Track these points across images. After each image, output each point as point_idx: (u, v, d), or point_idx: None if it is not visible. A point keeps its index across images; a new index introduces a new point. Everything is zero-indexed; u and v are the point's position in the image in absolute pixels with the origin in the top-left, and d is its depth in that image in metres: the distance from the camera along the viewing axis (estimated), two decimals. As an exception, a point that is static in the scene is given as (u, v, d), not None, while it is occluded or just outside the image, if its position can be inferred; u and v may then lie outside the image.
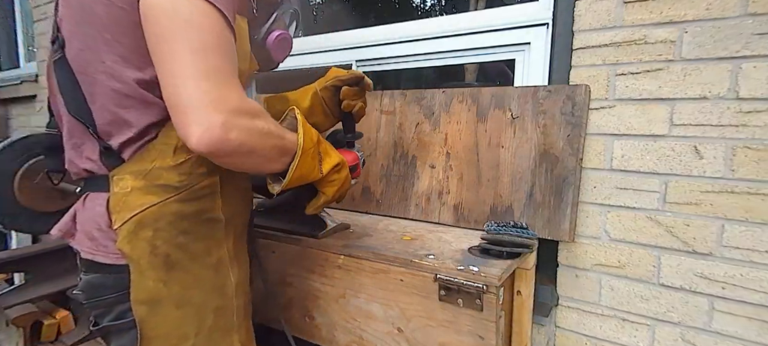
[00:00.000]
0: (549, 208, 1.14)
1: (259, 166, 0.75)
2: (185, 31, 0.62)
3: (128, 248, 0.72)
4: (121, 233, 0.72)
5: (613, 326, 1.18)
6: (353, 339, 1.07)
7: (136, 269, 0.73)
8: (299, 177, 0.80)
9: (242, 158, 0.69)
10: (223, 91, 0.63)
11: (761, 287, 1.00)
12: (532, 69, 1.29)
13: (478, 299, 0.87)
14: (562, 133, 1.14)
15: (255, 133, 0.68)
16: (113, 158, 0.74)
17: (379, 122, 1.44)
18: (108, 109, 0.72)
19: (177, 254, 0.75)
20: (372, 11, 2.20)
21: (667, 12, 1.04)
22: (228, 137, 0.63)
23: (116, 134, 0.73)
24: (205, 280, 0.79)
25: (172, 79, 0.63)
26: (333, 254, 1.06)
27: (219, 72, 0.64)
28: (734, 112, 0.99)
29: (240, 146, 0.65)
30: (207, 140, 0.61)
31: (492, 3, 1.62)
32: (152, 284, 0.74)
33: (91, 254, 0.75)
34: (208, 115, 0.61)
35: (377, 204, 1.41)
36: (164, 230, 0.74)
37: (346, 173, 0.92)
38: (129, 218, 0.72)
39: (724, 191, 1.02)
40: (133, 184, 0.73)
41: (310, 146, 0.81)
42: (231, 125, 0.63)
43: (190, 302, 0.77)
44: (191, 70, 0.62)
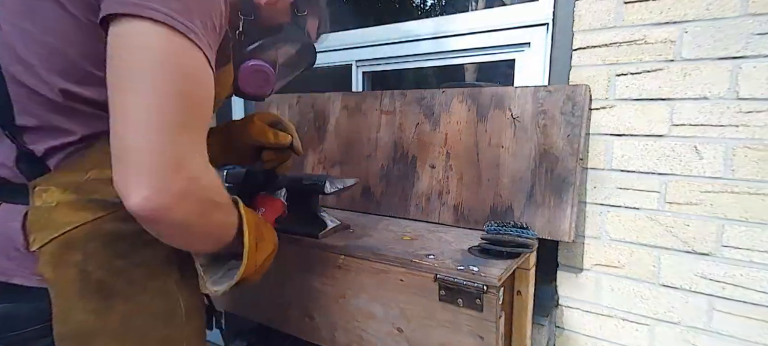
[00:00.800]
0: (549, 208, 1.14)
1: (195, 245, 0.66)
2: (156, 74, 0.52)
3: (52, 274, 0.60)
4: (43, 256, 0.60)
5: (613, 326, 1.18)
6: (353, 339, 1.07)
7: (61, 298, 0.61)
8: (247, 275, 0.72)
9: (185, 233, 0.59)
10: (187, 150, 0.53)
11: (761, 287, 1.00)
12: (532, 69, 1.29)
13: (478, 299, 0.87)
14: (562, 133, 1.14)
15: (209, 206, 0.59)
16: (34, 165, 0.62)
17: (379, 122, 1.44)
18: (35, 112, 0.60)
19: (113, 280, 0.64)
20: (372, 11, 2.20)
21: (667, 12, 1.04)
22: (179, 207, 0.53)
23: (42, 139, 0.61)
24: (149, 307, 0.68)
25: (127, 126, 0.51)
26: (333, 254, 1.06)
27: (187, 126, 0.54)
28: (734, 112, 0.99)
29: (186, 220, 0.56)
30: (153, 207, 0.51)
31: (491, 3, 1.62)
32: (82, 316, 0.62)
33: (6, 276, 0.62)
34: (164, 178, 0.51)
35: (377, 204, 1.41)
36: (97, 252, 0.63)
37: (273, 257, 0.81)
38: (53, 237, 0.61)
39: (723, 190, 1.02)
40: (61, 198, 0.61)
41: (253, 245, 0.70)
42: (186, 194, 0.53)
43: (131, 333, 0.67)
44: (155, 120, 0.51)
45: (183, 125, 0.53)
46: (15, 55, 0.60)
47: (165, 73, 0.52)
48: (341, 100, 1.53)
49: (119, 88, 0.53)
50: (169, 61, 0.52)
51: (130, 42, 0.52)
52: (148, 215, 0.52)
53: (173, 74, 0.53)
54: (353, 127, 1.49)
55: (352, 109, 1.50)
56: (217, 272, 0.73)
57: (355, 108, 1.49)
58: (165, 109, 0.52)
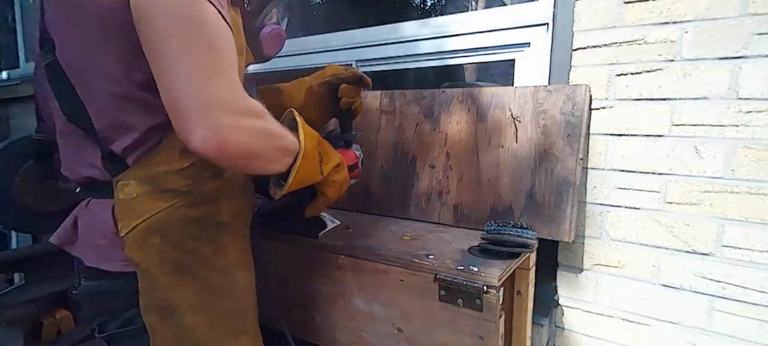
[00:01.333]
0: (549, 208, 1.14)
1: (262, 168, 0.72)
2: (181, 29, 0.59)
3: (137, 255, 0.70)
4: (129, 241, 0.70)
5: (613, 326, 1.18)
6: (353, 339, 1.07)
7: (145, 277, 0.71)
8: (301, 180, 0.78)
9: (246, 160, 0.66)
10: (224, 90, 0.61)
11: (761, 287, 1.00)
12: (532, 69, 1.29)
13: (478, 299, 0.87)
14: (562, 133, 1.14)
15: (258, 134, 0.66)
16: (116, 164, 0.71)
17: (379, 122, 1.44)
18: (107, 113, 0.69)
19: (186, 259, 0.74)
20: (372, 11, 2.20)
21: (667, 12, 1.04)
22: (232, 140, 0.60)
23: (118, 139, 0.70)
24: (215, 284, 0.78)
25: (170, 81, 0.59)
26: (333, 254, 1.06)
27: (219, 71, 0.61)
28: (734, 112, 0.99)
29: (244, 149, 0.63)
30: (211, 144, 0.58)
31: (491, 3, 1.62)
32: (163, 291, 0.72)
33: (95, 262, 0.73)
34: (211, 117, 0.58)
35: (377, 204, 1.41)
36: (173, 235, 0.72)
37: (345, 172, 0.91)
38: (136, 224, 0.70)
39: (724, 190, 1.02)
40: (139, 189, 0.71)
41: (311, 148, 0.78)
42: (235, 127, 0.60)
43: (202, 307, 0.76)
44: (190, 70, 0.58)
45: (218, 69, 0.60)
46: (77, 62, 0.69)
47: (188, 26, 0.59)
48: (341, 100, 1.53)
49: (154, 48, 0.60)
50: (192, 15, 0.60)
51: (153, 6, 0.59)
52: (211, 152, 0.59)
53: (195, 26, 0.60)
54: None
55: (352, 109, 1.50)
56: None
57: (355, 108, 1.49)
58: (201, 57, 0.59)
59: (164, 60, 0.60)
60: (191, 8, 0.60)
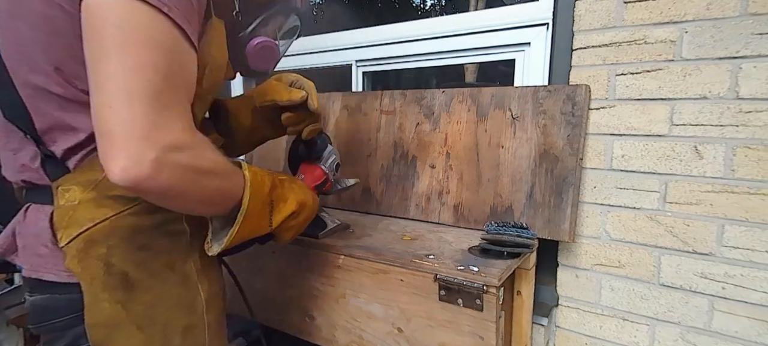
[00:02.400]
0: (549, 208, 1.14)
1: (193, 210, 0.66)
2: (125, 45, 0.53)
3: (78, 268, 0.65)
4: (70, 252, 0.64)
5: (613, 326, 1.18)
6: (353, 339, 1.07)
7: (88, 291, 0.65)
8: (242, 238, 0.71)
9: (173, 200, 0.60)
10: (161, 119, 0.54)
11: (761, 287, 1.00)
12: (532, 69, 1.29)
13: (478, 299, 0.87)
14: (562, 133, 1.14)
15: (193, 173, 0.58)
16: (56, 167, 0.65)
17: (379, 122, 1.44)
18: (48, 113, 0.63)
19: (136, 272, 0.68)
20: (372, 11, 2.20)
21: (667, 12, 1.04)
22: (158, 176, 0.53)
23: (59, 140, 0.64)
24: (170, 297, 0.72)
25: (102, 99, 0.53)
26: (333, 254, 1.06)
27: (160, 96, 0.54)
28: (734, 112, 0.99)
29: (170, 188, 0.56)
30: (132, 177, 0.52)
31: (492, 3, 1.62)
32: (109, 306, 0.66)
33: (37, 273, 0.67)
34: (137, 148, 0.52)
35: (377, 204, 1.41)
36: (119, 246, 0.67)
37: (305, 216, 0.83)
38: (77, 234, 0.64)
39: (724, 190, 1.02)
40: (81, 196, 0.65)
41: (256, 207, 0.70)
42: (164, 163, 0.54)
43: (154, 322, 0.70)
44: (125, 91, 0.52)
45: (156, 95, 0.54)
46: (17, 56, 0.62)
47: (134, 44, 0.53)
48: (341, 100, 1.53)
49: (93, 62, 0.54)
50: (138, 32, 0.53)
51: (101, 16, 0.53)
52: (129, 186, 0.53)
53: (143, 46, 0.53)
54: (353, 127, 1.49)
55: (352, 109, 1.50)
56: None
57: (355, 108, 1.49)
58: (135, 81, 0.52)
59: (99, 75, 0.53)
60: (144, 28, 0.54)
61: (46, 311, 0.68)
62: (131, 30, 0.53)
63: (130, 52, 0.53)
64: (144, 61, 0.53)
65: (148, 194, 0.56)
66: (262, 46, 0.83)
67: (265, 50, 0.84)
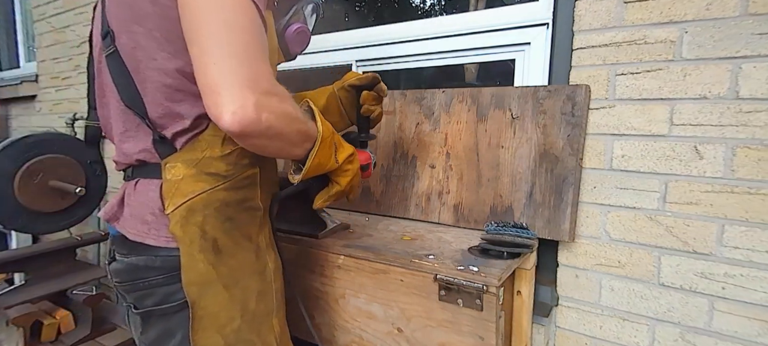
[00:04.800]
0: (549, 208, 1.14)
1: (282, 150, 0.76)
2: (217, 11, 0.63)
3: (180, 232, 0.75)
4: (174, 218, 0.74)
5: (613, 326, 1.18)
6: (353, 339, 1.07)
7: (187, 252, 0.75)
8: (318, 165, 0.81)
9: (270, 140, 0.69)
10: (254, 70, 0.64)
11: (761, 287, 1.00)
12: (532, 69, 1.29)
13: (478, 299, 0.87)
14: (562, 133, 1.14)
15: (284, 116, 0.68)
16: (166, 147, 0.76)
17: (380, 122, 1.44)
18: (160, 102, 0.74)
19: (223, 238, 0.78)
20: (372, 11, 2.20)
21: (667, 12, 1.04)
22: (259, 118, 0.63)
23: (169, 126, 0.75)
24: (248, 264, 0.82)
25: (204, 58, 0.63)
26: (333, 254, 1.06)
27: (251, 52, 0.64)
28: (734, 112, 0.99)
29: (269, 128, 0.66)
30: (239, 120, 0.61)
31: (492, 3, 1.62)
32: (203, 266, 0.76)
33: (140, 237, 0.77)
34: (241, 94, 0.61)
35: (377, 204, 1.41)
36: (212, 215, 0.77)
37: (357, 164, 0.93)
38: (181, 203, 0.75)
39: (724, 191, 1.02)
40: (185, 172, 0.75)
41: (328, 134, 0.82)
42: (262, 106, 0.63)
43: (237, 284, 0.80)
44: (223, 48, 0.62)
45: (248, 51, 0.64)
46: (135, 56, 0.74)
47: (227, 9, 0.63)
48: (341, 100, 1.53)
49: (193, 30, 0.64)
50: (228, 4, 0.63)
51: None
52: (240, 130, 0.63)
53: (233, 10, 0.63)
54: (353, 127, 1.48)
55: (352, 109, 1.50)
56: None
57: (355, 108, 1.49)
58: (232, 38, 0.63)
59: (199, 39, 0.64)
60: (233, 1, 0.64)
61: (142, 270, 0.77)
62: (223, 3, 0.63)
63: (224, 15, 0.63)
64: (237, 21, 0.63)
65: (252, 136, 0.65)
66: (299, 31, 0.96)
67: (302, 35, 0.97)
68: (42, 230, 1.88)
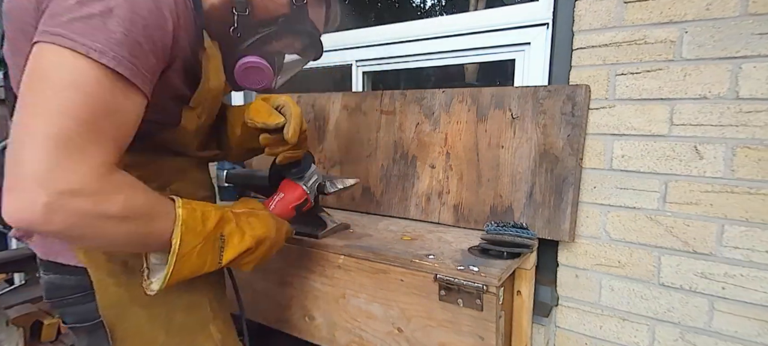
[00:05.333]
0: (549, 208, 1.14)
1: (105, 249, 0.70)
2: (42, 90, 0.53)
3: (85, 258, 0.72)
4: None
5: (613, 326, 1.18)
6: (353, 339, 1.07)
7: (96, 278, 0.73)
8: (182, 278, 0.69)
9: (76, 242, 0.63)
10: (63, 164, 0.53)
11: (761, 287, 1.00)
12: (532, 69, 1.29)
13: (478, 299, 0.87)
14: (562, 133, 1.14)
15: (93, 219, 0.56)
16: None
17: (379, 122, 1.44)
18: None
19: (133, 259, 0.74)
20: (372, 11, 2.20)
21: (667, 12, 1.04)
22: (50, 220, 0.52)
23: None
24: None
25: (15, 137, 0.53)
26: (333, 254, 1.06)
27: (69, 141, 0.53)
28: (734, 112, 0.99)
29: (65, 231, 0.55)
30: (23, 219, 0.52)
31: (492, 3, 1.62)
32: (114, 290, 0.73)
33: (52, 255, 0.74)
34: (28, 191, 0.51)
35: (377, 204, 1.41)
36: None
37: (264, 249, 0.80)
38: None
39: (724, 191, 1.02)
40: None
41: (192, 247, 0.67)
42: (56, 208, 0.52)
43: (155, 301, 0.74)
44: (31, 134, 0.52)
45: (62, 140, 0.53)
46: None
47: (51, 89, 0.53)
48: (341, 100, 1.53)
49: (21, 92, 0.55)
50: (59, 78, 0.54)
51: (31, 60, 0.55)
52: (21, 227, 0.53)
53: (59, 90, 0.53)
54: (353, 127, 1.49)
55: (352, 109, 1.50)
56: None
57: (355, 108, 1.49)
58: (42, 124, 0.52)
59: (19, 115, 0.54)
60: (70, 73, 0.54)
61: (58, 289, 0.76)
62: (53, 75, 0.54)
63: (44, 97, 0.53)
64: (57, 105, 0.53)
65: (45, 235, 0.61)
66: (245, 66, 0.79)
67: (251, 71, 0.80)
68: (42, 230, 1.88)
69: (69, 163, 0.53)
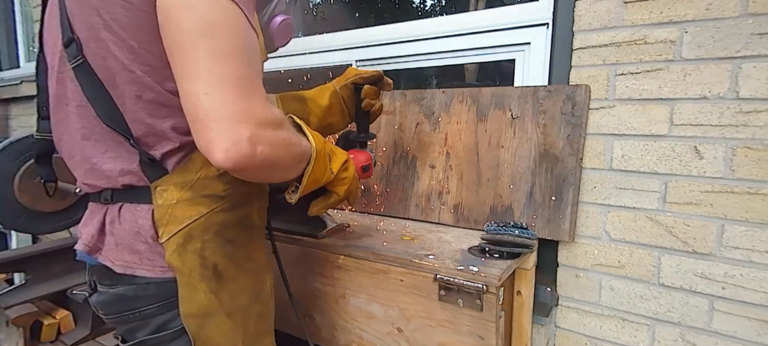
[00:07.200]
0: (549, 208, 1.14)
1: (280, 177, 0.71)
2: (206, 35, 0.57)
3: (178, 262, 0.69)
4: (170, 247, 0.69)
5: (613, 326, 1.18)
6: (353, 339, 1.07)
7: (186, 283, 0.70)
8: (314, 181, 0.78)
9: (266, 171, 0.65)
10: (248, 101, 0.58)
11: (761, 287, 1.00)
12: (532, 69, 1.29)
13: (478, 299, 0.87)
14: (562, 133, 1.14)
15: (280, 144, 0.64)
16: (155, 169, 0.69)
17: (379, 122, 1.44)
18: (142, 120, 0.67)
19: (224, 263, 0.74)
20: (372, 11, 2.20)
21: (667, 12, 1.04)
22: (255, 152, 0.58)
23: (156, 145, 0.69)
24: (249, 286, 0.78)
25: (193, 89, 0.57)
26: (333, 254, 1.06)
27: (243, 80, 0.58)
28: (734, 112, 0.99)
29: (265, 160, 0.61)
30: (234, 156, 0.56)
31: (492, 3, 1.62)
32: (204, 296, 0.71)
33: (131, 269, 0.71)
34: (234, 129, 0.56)
35: (377, 204, 1.41)
36: (212, 240, 0.72)
37: (352, 170, 0.90)
38: (177, 230, 0.69)
39: (724, 190, 1.02)
40: (179, 195, 0.69)
41: (322, 149, 0.78)
42: (258, 139, 0.58)
43: (238, 309, 0.76)
44: (213, 78, 0.56)
45: (242, 79, 0.58)
46: (108, 68, 0.65)
47: (218, 33, 0.57)
48: (341, 100, 1.53)
49: (179, 53, 0.58)
50: (220, 21, 0.58)
51: (179, 9, 0.57)
52: (234, 166, 0.58)
53: (225, 34, 0.58)
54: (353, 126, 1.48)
55: (352, 109, 1.50)
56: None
57: (355, 108, 1.49)
58: (224, 66, 0.57)
59: (186, 67, 0.58)
60: (221, 16, 0.58)
61: (132, 300, 0.72)
62: (212, 18, 0.57)
63: (215, 41, 0.57)
64: (230, 47, 0.58)
65: (249, 170, 0.60)
66: (285, 23, 0.89)
67: (288, 27, 0.91)
68: (42, 230, 1.88)
69: (256, 100, 0.60)
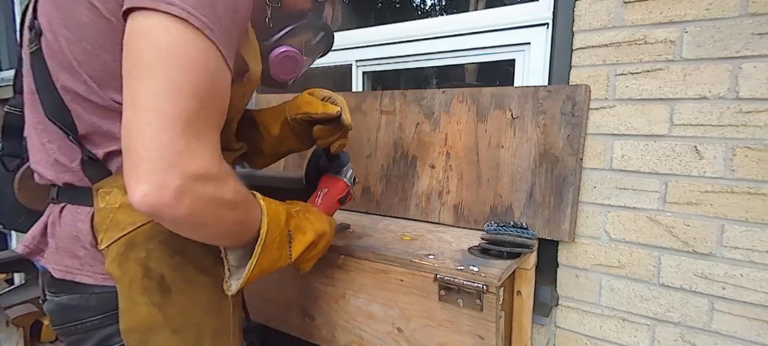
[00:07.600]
0: (549, 208, 1.14)
1: (211, 240, 0.64)
2: (165, 67, 0.51)
3: (118, 271, 0.64)
4: (109, 254, 0.64)
5: (613, 326, 1.18)
6: (353, 339, 1.07)
7: (127, 295, 0.65)
8: (260, 273, 0.69)
9: (192, 229, 0.58)
10: (191, 146, 0.52)
11: (761, 287, 1.00)
12: (532, 69, 1.29)
13: (478, 299, 0.87)
14: (562, 133, 1.14)
15: (214, 204, 0.56)
16: (97, 169, 0.65)
17: (379, 122, 1.44)
18: (87, 119, 0.63)
19: (172, 275, 0.68)
20: (372, 11, 2.20)
21: (667, 12, 1.04)
22: (179, 203, 0.52)
23: (101, 144, 0.64)
24: (204, 302, 0.72)
25: (134, 119, 0.51)
26: (333, 254, 1.06)
27: (193, 122, 0.52)
28: (734, 112, 0.99)
29: (190, 216, 0.54)
30: (152, 201, 0.50)
31: (492, 3, 1.62)
32: (146, 310, 0.66)
33: (70, 274, 0.67)
34: (163, 173, 0.50)
35: (377, 204, 1.41)
36: (157, 249, 0.66)
37: (323, 245, 0.82)
38: (118, 237, 0.64)
39: (724, 190, 1.02)
40: (123, 199, 0.64)
41: (274, 238, 0.68)
42: (186, 190, 0.52)
43: (188, 325, 0.70)
44: (160, 114, 0.50)
45: (189, 122, 0.52)
46: (60, 61, 0.62)
47: (175, 67, 0.51)
48: (341, 100, 1.53)
49: (130, 79, 0.53)
50: (181, 55, 0.52)
51: (143, 35, 0.52)
52: (149, 212, 0.52)
53: (183, 69, 0.52)
54: (353, 127, 1.48)
55: (352, 109, 1.50)
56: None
57: (355, 108, 1.49)
58: (171, 104, 0.51)
59: (136, 93, 0.52)
60: (182, 48, 0.52)
61: (74, 311, 0.67)
62: (173, 51, 0.51)
63: (169, 75, 0.51)
64: (183, 84, 0.52)
65: (167, 221, 0.55)
66: (285, 55, 0.80)
67: (288, 60, 0.81)
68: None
69: (197, 147, 0.53)
